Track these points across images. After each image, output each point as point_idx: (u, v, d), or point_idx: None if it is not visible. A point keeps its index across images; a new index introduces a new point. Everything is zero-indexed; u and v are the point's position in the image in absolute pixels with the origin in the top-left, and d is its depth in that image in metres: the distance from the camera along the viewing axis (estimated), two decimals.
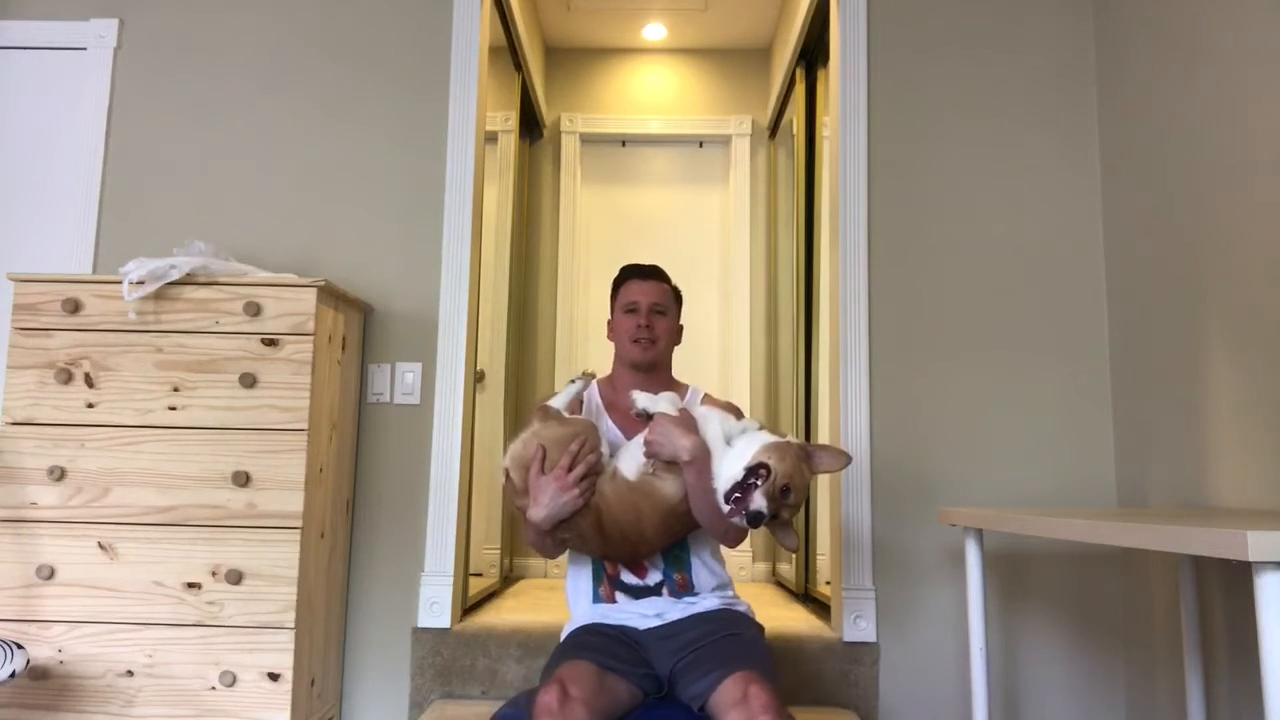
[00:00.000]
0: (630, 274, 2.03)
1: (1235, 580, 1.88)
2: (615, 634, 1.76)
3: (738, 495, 1.62)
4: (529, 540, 1.83)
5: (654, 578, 1.83)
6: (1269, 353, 1.79)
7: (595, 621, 1.82)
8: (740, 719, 1.48)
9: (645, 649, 1.74)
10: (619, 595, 1.84)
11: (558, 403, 1.87)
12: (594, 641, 1.72)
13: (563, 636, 1.84)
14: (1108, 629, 2.37)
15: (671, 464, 1.71)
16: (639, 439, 1.78)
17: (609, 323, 2.05)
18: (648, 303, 1.97)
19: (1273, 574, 1.03)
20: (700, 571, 1.86)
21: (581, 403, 1.97)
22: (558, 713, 1.48)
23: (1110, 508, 2.36)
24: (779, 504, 1.63)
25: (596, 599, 1.86)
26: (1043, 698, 2.35)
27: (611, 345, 2.04)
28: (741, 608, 1.88)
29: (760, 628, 1.86)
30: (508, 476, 1.78)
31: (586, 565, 1.88)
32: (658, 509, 1.72)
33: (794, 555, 3.26)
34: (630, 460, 1.77)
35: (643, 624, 1.79)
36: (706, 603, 1.83)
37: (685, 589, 1.84)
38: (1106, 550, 2.38)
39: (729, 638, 1.72)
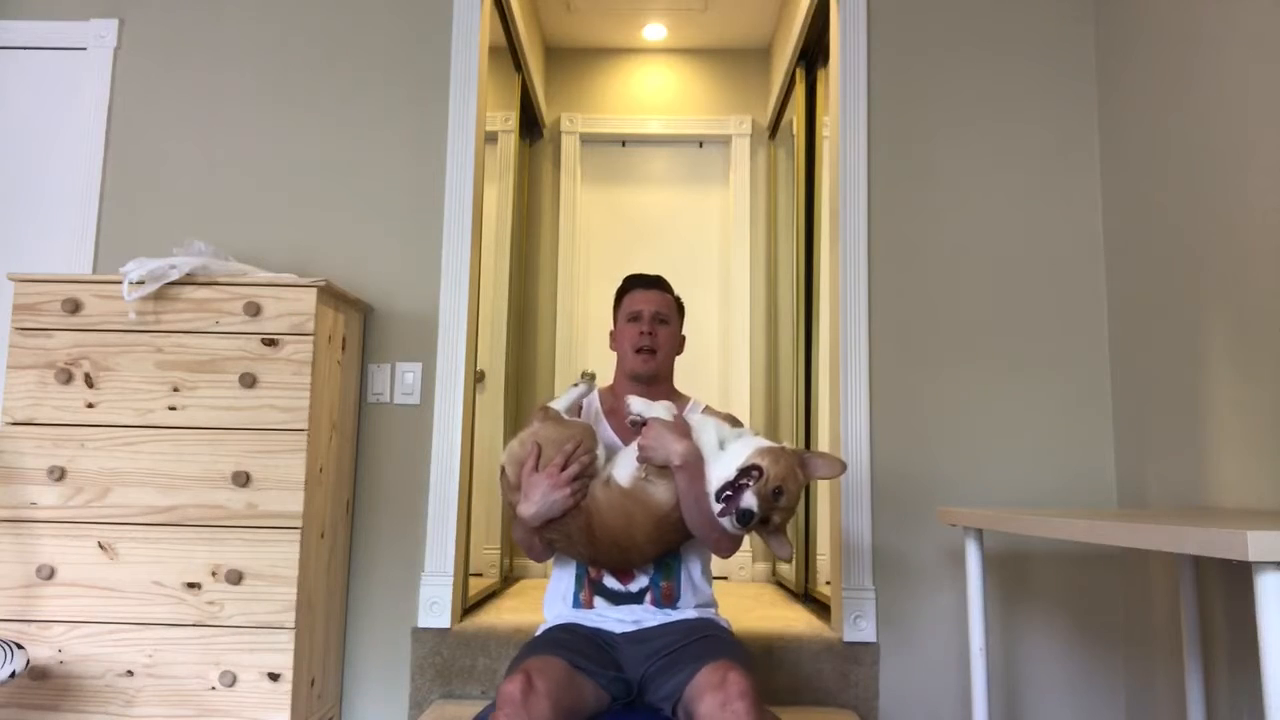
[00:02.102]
0: (634, 283, 2.04)
1: (1235, 580, 1.88)
2: (588, 634, 1.75)
3: (728, 494, 1.62)
4: (517, 539, 1.83)
5: (639, 583, 1.83)
6: (1269, 352, 1.79)
7: (570, 621, 1.81)
8: (716, 701, 1.46)
9: (617, 651, 1.73)
10: (597, 600, 1.83)
11: (559, 405, 1.87)
12: (566, 639, 1.71)
13: (535, 634, 1.83)
14: (1108, 629, 2.37)
15: (665, 470, 1.70)
16: (634, 446, 1.77)
17: (611, 333, 2.06)
18: (650, 311, 1.97)
19: (1273, 574, 1.03)
20: (686, 586, 1.85)
21: (581, 408, 1.97)
22: (520, 703, 1.46)
23: (1110, 508, 2.36)
24: (770, 505, 1.62)
25: (576, 603, 1.85)
26: (1043, 698, 2.36)
27: (613, 355, 2.05)
28: (722, 622, 1.87)
29: (738, 641, 1.84)
30: (503, 473, 1.79)
31: (570, 568, 1.88)
32: (650, 516, 1.71)
33: (794, 554, 3.26)
34: (625, 466, 1.76)
35: (618, 628, 1.78)
36: (684, 614, 1.83)
37: (669, 600, 1.83)
38: (1106, 550, 2.38)
39: (704, 639, 1.71)
